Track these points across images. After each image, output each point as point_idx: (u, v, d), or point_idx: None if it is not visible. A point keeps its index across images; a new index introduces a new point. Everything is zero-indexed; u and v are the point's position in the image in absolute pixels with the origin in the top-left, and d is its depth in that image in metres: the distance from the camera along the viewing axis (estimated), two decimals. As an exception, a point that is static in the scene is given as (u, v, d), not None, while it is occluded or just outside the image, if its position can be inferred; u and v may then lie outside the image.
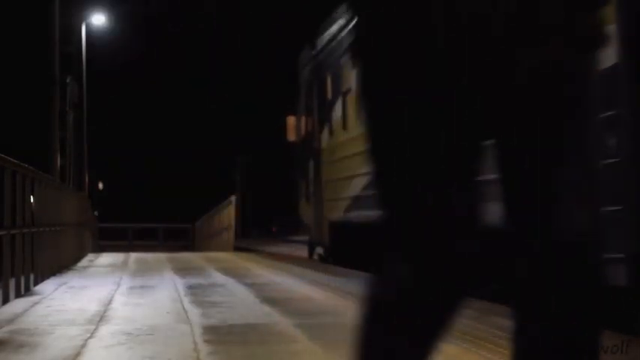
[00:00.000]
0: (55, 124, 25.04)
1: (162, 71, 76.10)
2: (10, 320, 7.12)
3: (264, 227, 71.64)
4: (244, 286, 10.40)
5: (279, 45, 71.89)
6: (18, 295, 9.38)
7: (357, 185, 13.94)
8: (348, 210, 14.78)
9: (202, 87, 76.30)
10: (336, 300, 8.54)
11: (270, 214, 74.97)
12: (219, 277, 12.26)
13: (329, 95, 16.46)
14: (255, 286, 10.37)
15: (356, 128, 13.80)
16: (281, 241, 46.65)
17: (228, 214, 27.04)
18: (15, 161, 9.31)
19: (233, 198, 26.85)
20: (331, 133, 16.20)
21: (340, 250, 16.28)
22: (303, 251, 29.70)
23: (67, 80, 31.04)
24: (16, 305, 8.40)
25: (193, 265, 16.21)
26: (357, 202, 14.05)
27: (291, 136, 20.44)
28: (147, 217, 58.94)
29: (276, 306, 7.95)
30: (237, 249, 26.32)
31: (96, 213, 35.59)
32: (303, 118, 19.40)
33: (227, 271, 13.68)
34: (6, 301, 8.67)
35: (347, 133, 14.75)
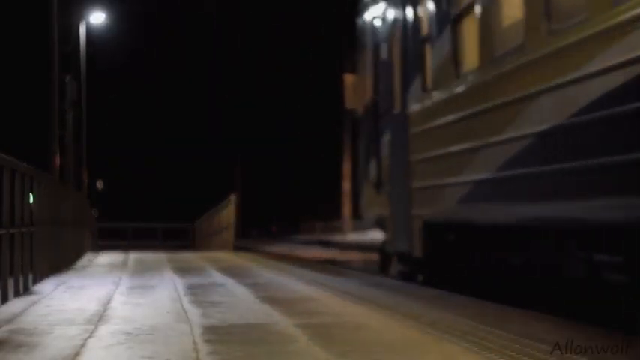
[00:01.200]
0: (54, 124, 25.02)
1: (162, 70, 76.11)
2: (9, 320, 7.10)
3: (264, 227, 71.68)
4: (244, 286, 10.38)
5: (280, 44, 71.96)
6: (17, 294, 9.36)
7: (495, 160, 9.11)
8: (466, 203, 10.01)
9: (202, 86, 76.30)
10: (336, 300, 8.52)
11: (270, 214, 75.00)
12: (218, 277, 12.24)
13: (424, 31, 11.83)
14: (254, 286, 10.35)
15: (492, 66, 9.26)
16: (281, 241, 46.66)
17: (227, 213, 27.02)
18: (14, 160, 9.29)
19: (233, 197, 26.83)
20: (427, 87, 11.58)
21: (445, 267, 11.54)
22: (302, 251, 29.67)
23: (66, 80, 31.03)
24: (15, 305, 8.38)
25: (193, 264, 16.19)
26: (494, 188, 9.19)
27: (352, 102, 15.52)
28: (146, 216, 58.95)
29: (276, 306, 7.93)
30: (237, 248, 26.31)
31: (94, 213, 35.58)
32: (370, 77, 14.32)
33: (227, 271, 13.66)
34: (5, 300, 8.65)
35: (467, 79, 10.09)
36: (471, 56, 10.04)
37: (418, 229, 11.71)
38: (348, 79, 15.42)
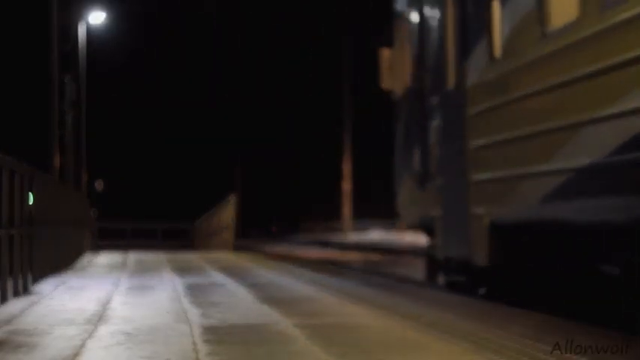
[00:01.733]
0: (53, 123, 25.00)
1: (162, 70, 76.12)
2: (9, 320, 7.09)
3: (264, 227, 71.65)
4: (244, 286, 10.38)
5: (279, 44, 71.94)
6: (16, 294, 9.35)
7: (606, 140, 6.96)
8: (557, 198, 7.90)
9: (202, 86, 76.31)
10: (336, 300, 8.52)
11: (270, 214, 74.99)
12: (218, 277, 12.23)
13: None
14: (254, 286, 10.35)
15: (604, 15, 7.07)
16: (281, 241, 46.65)
17: (227, 213, 27.01)
18: (13, 160, 9.28)
19: (233, 197, 26.82)
20: (495, 55, 9.44)
21: (519, 278, 9.57)
22: (302, 251, 29.64)
23: (65, 80, 31.03)
24: (15, 305, 8.37)
25: (193, 264, 16.18)
26: (606, 178, 7.02)
27: (388, 81, 13.19)
28: (146, 216, 58.93)
29: (276, 306, 7.92)
30: (237, 248, 26.29)
31: (94, 213, 35.58)
32: (412, 50, 12.18)
33: (226, 271, 13.65)
34: (4, 300, 8.65)
35: (561, 37, 7.83)
36: (564, 8, 7.80)
37: (481, 231, 9.57)
38: (385, 54, 12.95)
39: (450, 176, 10.58)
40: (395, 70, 12.96)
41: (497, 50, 9.34)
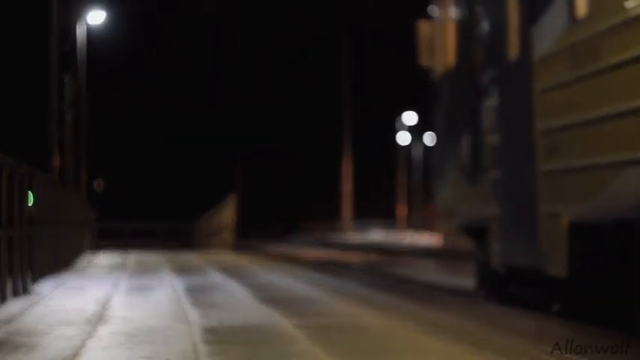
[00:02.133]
0: (53, 123, 24.98)
1: (162, 70, 76.14)
2: (8, 321, 7.08)
3: (264, 227, 71.65)
4: (244, 287, 10.37)
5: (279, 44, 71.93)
6: (16, 295, 9.34)
7: None
8: None
9: (202, 86, 76.32)
10: (336, 300, 8.51)
11: (270, 214, 74.98)
12: (218, 278, 12.22)
13: None
14: (254, 287, 10.34)
15: None
16: (281, 241, 46.62)
17: (227, 213, 27.01)
18: (13, 160, 9.27)
19: (232, 197, 26.81)
20: (577, 15, 7.62)
21: (607, 291, 7.73)
22: (302, 251, 29.62)
23: (65, 80, 31.02)
24: (14, 305, 8.36)
25: (192, 265, 16.18)
26: None
27: (427, 58, 11.28)
28: (146, 216, 58.93)
29: (276, 307, 7.91)
30: (237, 248, 26.28)
31: (93, 212, 35.56)
32: (459, 19, 10.55)
33: (226, 271, 13.64)
34: (4, 301, 8.63)
35: None
36: None
37: (557, 233, 7.82)
38: (423, 27, 11.25)
39: (510, 167, 8.71)
40: (436, 44, 11.09)
41: (582, 8, 7.57)
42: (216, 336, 6.00)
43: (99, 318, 7.13)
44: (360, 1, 60.39)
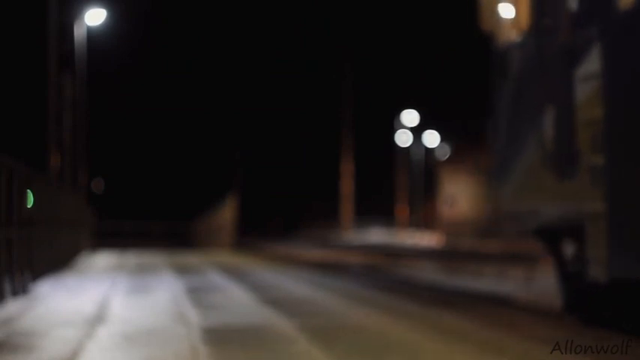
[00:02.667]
0: (52, 123, 24.98)
1: (162, 70, 76.17)
2: (7, 321, 7.06)
3: (264, 227, 71.67)
4: (243, 287, 10.35)
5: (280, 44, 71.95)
6: (15, 295, 9.32)
7: None
8: None
9: (203, 86, 76.33)
10: (335, 301, 8.50)
11: (270, 214, 74.99)
12: (217, 278, 12.21)
13: None
14: (254, 287, 10.32)
15: None
16: (280, 241, 46.61)
17: (227, 213, 27.01)
18: (12, 160, 9.26)
19: (232, 197, 26.81)
20: None
21: None
22: (301, 251, 29.56)
23: (64, 79, 31.01)
24: (13, 306, 8.34)
25: (192, 265, 16.16)
26: None
27: (489, 21, 9.13)
28: (146, 216, 58.95)
29: (276, 307, 7.90)
30: (237, 248, 26.28)
31: (92, 213, 35.56)
32: None
33: (226, 272, 13.63)
34: (3, 301, 8.62)
35: None
36: None
37: None
38: None
39: (622, 151, 6.88)
40: (502, 3, 9.07)
41: None
42: (216, 337, 5.98)
43: (98, 319, 7.12)
44: (361, 1, 60.42)
